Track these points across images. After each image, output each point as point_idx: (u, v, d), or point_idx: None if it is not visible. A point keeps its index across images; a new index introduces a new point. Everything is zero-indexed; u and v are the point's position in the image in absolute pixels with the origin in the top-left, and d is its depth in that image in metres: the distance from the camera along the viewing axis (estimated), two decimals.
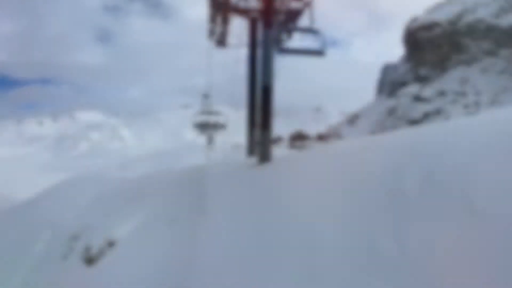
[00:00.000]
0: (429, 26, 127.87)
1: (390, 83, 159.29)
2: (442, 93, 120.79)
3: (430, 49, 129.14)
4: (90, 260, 7.49)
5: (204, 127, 23.41)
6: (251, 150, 12.38)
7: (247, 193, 6.58)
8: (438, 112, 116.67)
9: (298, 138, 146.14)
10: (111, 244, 7.40)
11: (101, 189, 11.58)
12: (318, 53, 10.59)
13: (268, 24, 7.39)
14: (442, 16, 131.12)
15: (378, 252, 4.00)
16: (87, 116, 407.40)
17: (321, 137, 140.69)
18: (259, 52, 7.66)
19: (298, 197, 5.76)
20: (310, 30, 9.83)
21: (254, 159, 8.46)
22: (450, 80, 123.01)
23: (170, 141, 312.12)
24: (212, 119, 24.15)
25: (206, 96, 23.38)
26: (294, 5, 10.71)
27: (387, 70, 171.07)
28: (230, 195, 6.81)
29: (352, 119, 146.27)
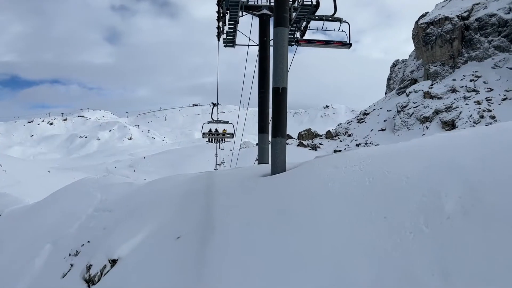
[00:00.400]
0: (440, 22, 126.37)
1: (399, 80, 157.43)
2: (453, 90, 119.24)
3: (440, 45, 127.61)
4: (90, 280, 6.96)
5: (213, 136, 24.05)
6: (262, 156, 11.70)
7: (261, 207, 5.97)
8: (449, 109, 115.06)
9: (307, 136, 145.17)
10: (113, 262, 6.85)
11: (105, 196, 11.04)
12: (345, 44, 9.65)
13: (280, 21, 6.77)
14: (453, 12, 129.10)
15: None
16: (96, 116, 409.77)
17: (331, 135, 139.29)
18: (273, 52, 7.04)
19: (319, 216, 5.13)
20: (336, 20, 9.06)
21: (266, 166, 7.87)
22: (462, 76, 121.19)
23: (179, 140, 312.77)
24: (220, 127, 24.99)
25: (215, 104, 23.71)
26: None
27: (397, 67, 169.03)
28: (242, 209, 6.20)
29: (362, 117, 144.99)
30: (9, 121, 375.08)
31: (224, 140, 24.95)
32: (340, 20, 9.45)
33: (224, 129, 25.36)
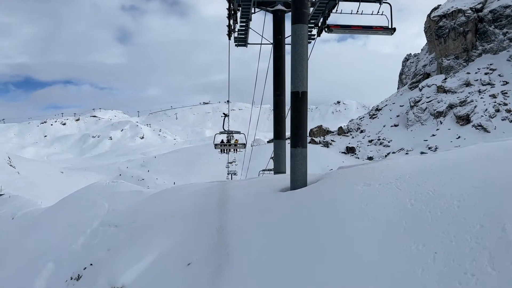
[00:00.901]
0: (453, 15, 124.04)
1: (412, 74, 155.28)
2: (467, 83, 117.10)
3: (453, 38, 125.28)
4: None
5: (225, 147, 24.15)
6: (279, 164, 10.90)
7: (281, 231, 5.21)
8: (464, 103, 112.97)
9: (319, 133, 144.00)
10: None
11: (112, 206, 10.41)
12: (387, 30, 8.43)
13: (299, 18, 6.00)
14: (466, 3, 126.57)
15: None
16: (108, 115, 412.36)
17: (342, 132, 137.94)
18: (291, 52, 6.27)
19: (351, 247, 4.34)
20: (375, 0, 8.04)
21: (284, 178, 7.10)
22: (476, 69, 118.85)
23: (190, 138, 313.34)
24: (232, 138, 25.28)
25: (226, 115, 23.75)
26: None
27: (409, 61, 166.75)
28: (260, 232, 5.44)
29: (374, 113, 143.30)
30: (23, 122, 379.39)
31: (236, 150, 24.98)
32: (380, 1, 8.36)
33: (236, 140, 25.53)
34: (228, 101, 23.82)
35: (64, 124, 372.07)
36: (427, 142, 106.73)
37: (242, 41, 13.04)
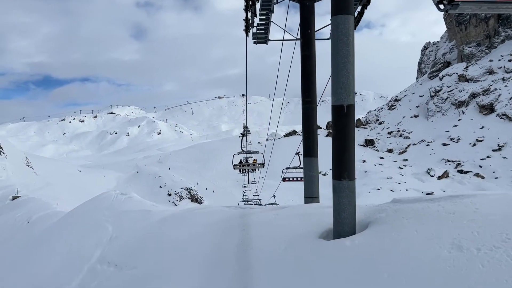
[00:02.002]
0: None
1: (431, 63, 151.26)
2: (490, 71, 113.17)
3: (475, 24, 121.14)
4: None
5: (243, 167, 23.98)
6: (310, 187, 9.13)
7: None
8: (487, 92, 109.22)
9: None
10: None
11: (116, 232, 9.11)
12: None
13: (342, 6, 4.40)
14: None
15: None
16: (125, 112, 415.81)
17: (361, 123, 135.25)
18: (332, 53, 4.61)
19: None
20: None
21: (320, 210, 5.59)
22: (499, 56, 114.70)
23: (206, 133, 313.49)
24: (250, 158, 25.53)
25: (243, 134, 24.49)
26: None
27: (428, 50, 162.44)
28: None
29: (393, 103, 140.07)
30: (42, 120, 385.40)
31: (255, 170, 24.93)
32: None
33: (254, 160, 25.77)
34: (244, 95, 22.98)
35: (82, 121, 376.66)
36: (449, 133, 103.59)
37: (262, 38, 11.29)
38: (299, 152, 15.22)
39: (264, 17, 10.35)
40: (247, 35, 11.09)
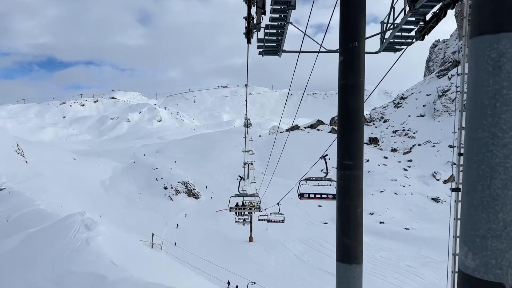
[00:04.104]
0: None
1: (440, 61, 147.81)
2: None
3: None
4: None
5: (240, 210, 24.14)
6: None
7: None
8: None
9: None
10: None
11: None
12: None
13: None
14: None
15: None
16: (126, 97, 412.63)
17: (365, 121, 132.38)
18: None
19: None
20: None
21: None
22: None
23: (207, 122, 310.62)
24: (248, 201, 25.25)
25: (242, 177, 24.08)
26: None
27: (437, 47, 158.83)
28: None
29: (399, 101, 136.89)
30: (42, 102, 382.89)
31: (251, 213, 26.37)
32: None
33: (251, 203, 25.34)
34: (243, 177, 22.49)
35: (83, 105, 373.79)
36: (456, 135, 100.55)
37: (272, 48, 7.59)
38: (326, 155, 11.42)
39: (278, 15, 6.59)
40: (249, 41, 7.27)
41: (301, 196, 13.47)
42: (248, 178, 68.55)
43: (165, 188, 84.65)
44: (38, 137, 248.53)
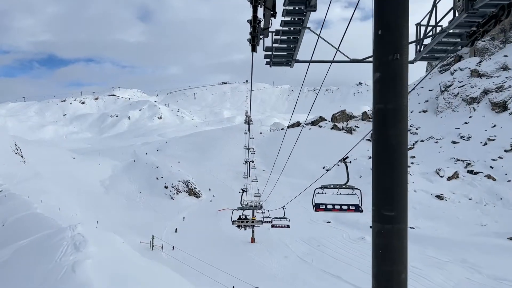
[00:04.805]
0: None
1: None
2: (505, 67, 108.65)
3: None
4: None
5: (242, 223, 23.69)
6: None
7: None
8: (500, 89, 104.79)
9: (342, 118, 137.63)
10: None
11: None
12: None
13: None
14: None
15: None
16: (126, 94, 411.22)
17: (367, 117, 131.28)
18: None
19: None
20: None
21: None
22: None
23: (208, 119, 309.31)
24: (249, 215, 26.71)
25: (244, 190, 25.43)
26: None
27: None
28: None
29: None
30: (42, 100, 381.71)
31: (253, 226, 27.06)
32: None
33: (254, 217, 26.73)
34: (247, 81, 20.66)
35: (83, 103, 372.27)
36: (459, 131, 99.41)
37: (283, 57, 6.40)
38: (347, 157, 9.95)
39: (292, 18, 5.34)
40: (254, 49, 5.88)
41: (317, 208, 11.29)
42: (249, 176, 67.62)
43: (166, 187, 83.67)
44: (38, 136, 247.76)
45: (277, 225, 29.51)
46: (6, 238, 27.92)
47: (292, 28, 5.45)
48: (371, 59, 3.95)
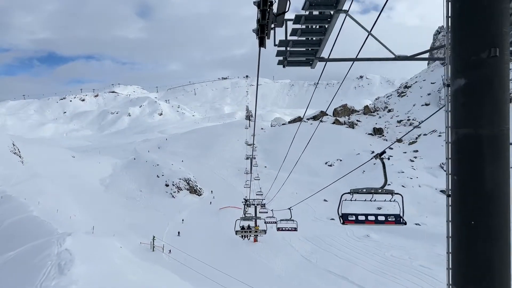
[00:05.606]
0: None
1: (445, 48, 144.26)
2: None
3: None
4: None
5: (246, 233, 24.42)
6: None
7: None
8: None
9: (344, 113, 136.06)
10: None
11: None
12: None
13: None
14: None
15: None
16: (127, 91, 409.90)
17: (369, 111, 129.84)
18: None
19: None
20: None
21: None
22: None
23: (209, 114, 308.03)
24: (253, 224, 25.27)
25: (246, 200, 24.72)
26: None
27: (441, 34, 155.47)
28: None
29: (403, 90, 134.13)
30: (42, 98, 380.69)
31: (257, 236, 26.68)
32: None
33: (257, 226, 25.21)
34: (248, 76, 19.91)
35: (83, 100, 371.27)
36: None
37: (300, 56, 4.83)
38: (384, 152, 7.76)
39: (311, 11, 3.92)
40: (262, 44, 4.25)
41: (345, 220, 8.66)
42: (251, 173, 66.42)
43: (167, 185, 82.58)
44: (38, 134, 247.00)
45: (284, 229, 28.15)
46: (1, 242, 26.89)
47: (320, 13, 4.04)
48: (426, 55, 2.74)
